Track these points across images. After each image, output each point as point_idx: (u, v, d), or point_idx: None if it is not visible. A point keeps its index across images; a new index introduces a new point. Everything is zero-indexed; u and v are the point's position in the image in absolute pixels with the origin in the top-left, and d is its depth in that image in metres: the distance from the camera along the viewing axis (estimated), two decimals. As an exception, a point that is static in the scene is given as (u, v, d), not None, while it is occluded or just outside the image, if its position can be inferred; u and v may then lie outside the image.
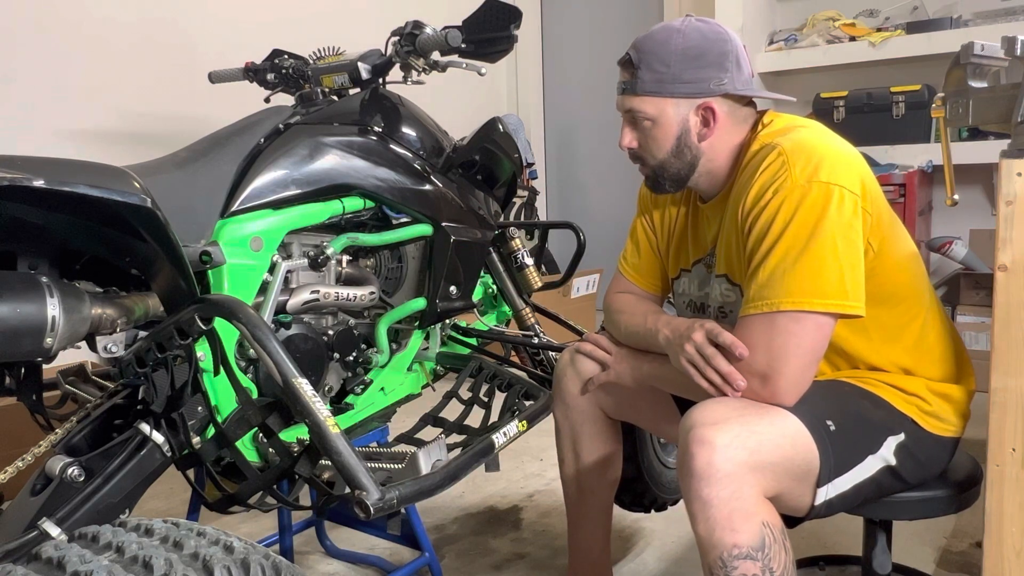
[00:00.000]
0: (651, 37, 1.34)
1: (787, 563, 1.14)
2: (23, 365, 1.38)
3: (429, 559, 1.80)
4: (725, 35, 1.33)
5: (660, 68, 1.31)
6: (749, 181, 1.28)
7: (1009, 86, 1.28)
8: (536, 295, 2.11)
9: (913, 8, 3.63)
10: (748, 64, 1.36)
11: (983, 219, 3.47)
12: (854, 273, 1.21)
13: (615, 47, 5.32)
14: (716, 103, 1.32)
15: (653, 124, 1.35)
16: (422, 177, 1.77)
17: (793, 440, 1.18)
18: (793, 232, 1.20)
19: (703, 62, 1.31)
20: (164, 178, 1.43)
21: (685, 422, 1.18)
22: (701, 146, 1.35)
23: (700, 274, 1.46)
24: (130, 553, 0.82)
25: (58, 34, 2.80)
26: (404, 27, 1.81)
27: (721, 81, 1.31)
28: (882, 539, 1.48)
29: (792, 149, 1.25)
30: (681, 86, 1.31)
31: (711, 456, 1.12)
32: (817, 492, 1.21)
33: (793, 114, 1.43)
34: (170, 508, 2.33)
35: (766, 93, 1.39)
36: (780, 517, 1.17)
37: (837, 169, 1.22)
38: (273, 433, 1.35)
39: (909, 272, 1.35)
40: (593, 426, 1.58)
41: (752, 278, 1.24)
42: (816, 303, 1.18)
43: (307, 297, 1.55)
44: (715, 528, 1.11)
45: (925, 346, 1.35)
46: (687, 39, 1.31)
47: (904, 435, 1.29)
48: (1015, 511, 1.22)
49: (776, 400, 1.20)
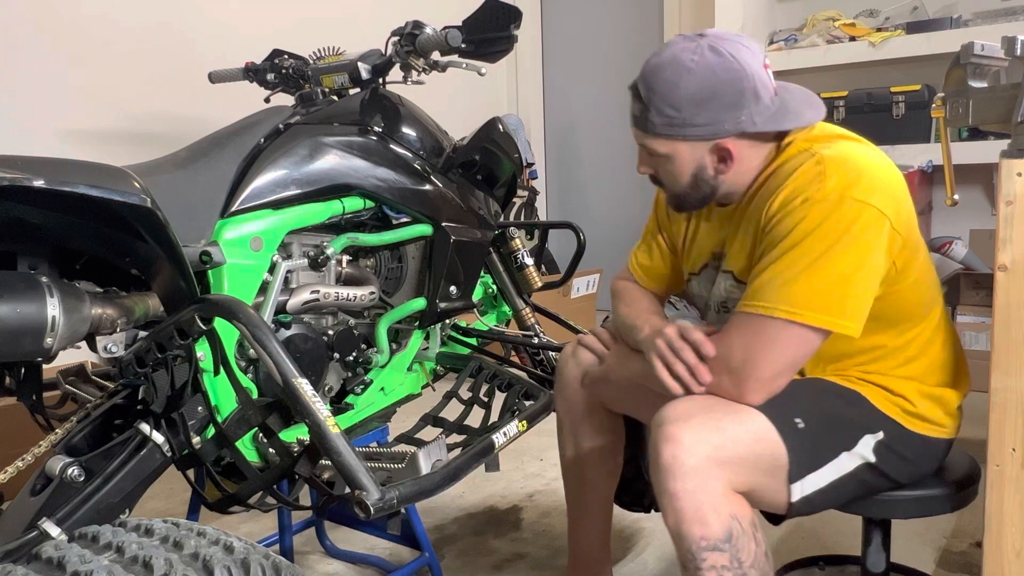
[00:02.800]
0: (659, 75, 1.25)
1: (757, 554, 1.16)
2: (23, 365, 1.38)
3: (429, 559, 1.80)
4: (741, 72, 1.22)
5: (670, 112, 1.24)
6: (781, 184, 1.24)
7: (1009, 86, 1.28)
8: (536, 295, 2.11)
9: (913, 8, 3.63)
10: (770, 86, 1.26)
11: (983, 219, 3.47)
12: (861, 294, 1.20)
13: (615, 47, 5.34)
14: (732, 142, 1.26)
15: (667, 161, 1.30)
16: (422, 177, 1.77)
17: (759, 437, 1.20)
18: (811, 243, 1.18)
19: (716, 104, 1.23)
20: (164, 178, 1.43)
21: (655, 419, 1.21)
22: (719, 179, 1.30)
23: (709, 276, 1.45)
24: (130, 553, 0.82)
25: (58, 34, 2.80)
26: (404, 27, 1.81)
27: (738, 120, 1.24)
28: (881, 538, 1.48)
29: (832, 159, 1.21)
30: (693, 129, 1.25)
31: (676, 451, 1.15)
32: (791, 488, 1.22)
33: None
34: (170, 508, 2.33)
35: (790, 121, 1.28)
36: (751, 510, 1.19)
37: (874, 188, 1.19)
38: (273, 433, 1.35)
39: (923, 291, 1.33)
40: (594, 417, 1.59)
41: (756, 276, 1.23)
42: (810, 316, 1.17)
43: (307, 297, 1.55)
44: (683, 520, 1.15)
45: (925, 356, 1.34)
46: (698, 80, 1.22)
47: (883, 433, 1.29)
48: (1015, 511, 1.22)
49: (742, 399, 1.21)
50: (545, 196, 5.04)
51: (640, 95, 1.28)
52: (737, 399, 1.22)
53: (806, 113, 1.29)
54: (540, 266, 2.13)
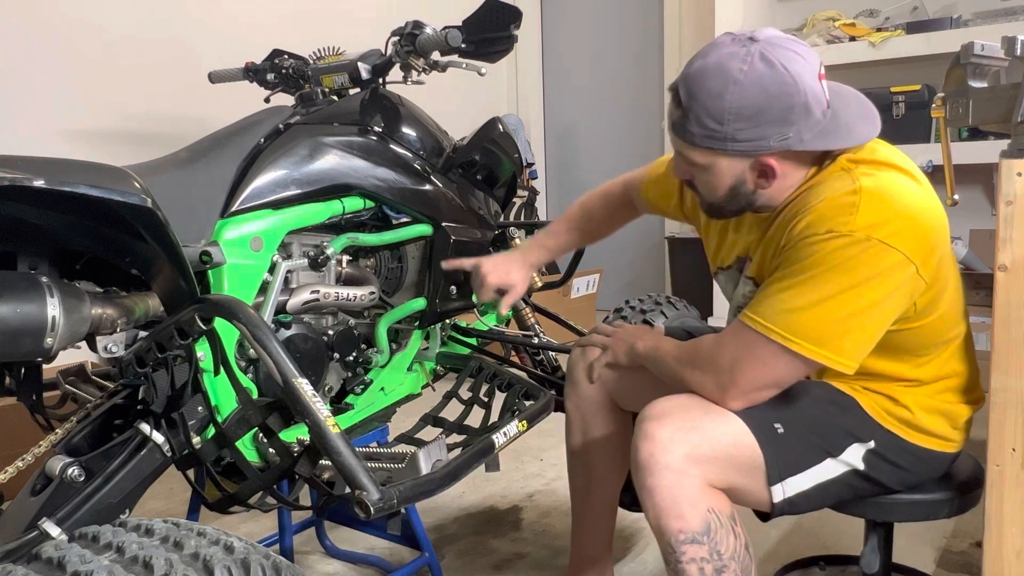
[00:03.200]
0: (703, 82, 1.15)
1: (736, 547, 1.18)
2: (23, 365, 1.38)
3: (429, 559, 1.80)
4: (793, 86, 1.13)
5: (712, 125, 1.16)
6: (811, 203, 1.19)
7: (1009, 86, 1.28)
8: (536, 295, 2.11)
9: (913, 8, 3.63)
10: (823, 100, 1.17)
11: (983, 219, 3.47)
12: (865, 336, 1.17)
13: (615, 47, 5.34)
14: (775, 160, 1.18)
15: (704, 171, 1.23)
16: (422, 177, 1.77)
17: (735, 439, 1.21)
18: (826, 277, 1.14)
19: (763, 119, 1.14)
20: (164, 178, 1.43)
21: (638, 417, 1.24)
22: (758, 192, 1.24)
23: (734, 276, 1.44)
24: (130, 553, 0.82)
25: (59, 35, 2.80)
26: (404, 27, 1.81)
27: (784, 136, 1.15)
28: (883, 540, 1.48)
29: (869, 193, 1.14)
30: (736, 144, 1.17)
31: (652, 448, 1.18)
32: (772, 490, 1.23)
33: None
34: (170, 508, 2.33)
35: (840, 140, 1.19)
36: (730, 504, 1.20)
37: (904, 231, 1.13)
38: (273, 433, 1.35)
39: (948, 324, 1.28)
40: (604, 416, 1.60)
41: (764, 288, 1.21)
42: (806, 348, 1.16)
43: (307, 297, 1.55)
44: (661, 515, 1.17)
45: (939, 377, 1.31)
46: (744, 95, 1.13)
47: (875, 443, 1.28)
48: (1015, 511, 1.22)
49: (722, 402, 1.23)
50: (545, 196, 5.04)
51: (680, 100, 1.19)
52: (717, 400, 1.23)
53: (858, 129, 1.21)
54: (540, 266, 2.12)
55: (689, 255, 4.10)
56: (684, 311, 2.23)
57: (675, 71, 4.47)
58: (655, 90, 4.61)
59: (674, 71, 4.45)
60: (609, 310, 2.25)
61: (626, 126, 4.75)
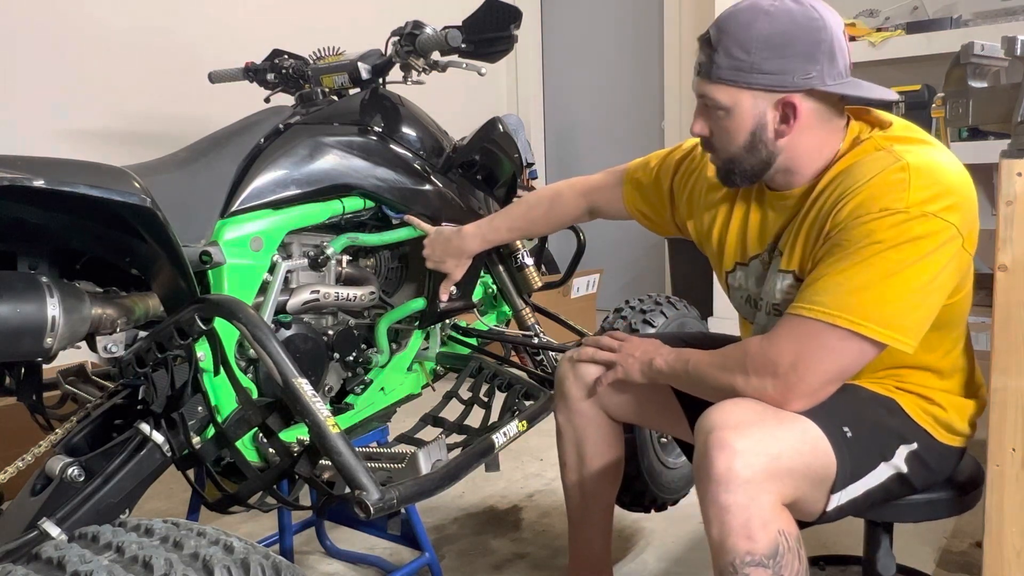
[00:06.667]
0: (734, 16, 1.20)
1: (800, 571, 1.12)
2: (23, 365, 1.38)
3: (429, 559, 1.80)
4: (820, 21, 1.17)
5: (739, 55, 1.18)
6: (855, 185, 1.17)
7: (1009, 86, 1.28)
8: (536, 295, 2.11)
9: (913, 8, 3.63)
10: (846, 55, 1.20)
11: (983, 219, 3.46)
12: (926, 313, 1.16)
13: (615, 47, 5.33)
14: (799, 99, 1.19)
15: (726, 114, 1.22)
16: (422, 177, 1.77)
17: (813, 446, 1.15)
18: (887, 255, 1.12)
19: (789, 51, 1.16)
20: (164, 178, 1.43)
21: (704, 423, 1.15)
22: (778, 143, 1.23)
23: (757, 270, 1.36)
24: (130, 553, 0.82)
25: (58, 35, 2.80)
26: (404, 27, 1.81)
27: (808, 74, 1.17)
28: (885, 540, 1.47)
29: (917, 169, 1.14)
30: (761, 77, 1.18)
31: (731, 461, 1.08)
32: (831, 498, 1.19)
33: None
34: (170, 508, 2.33)
35: (862, 92, 1.21)
36: (797, 526, 1.14)
37: (956, 205, 1.14)
38: (273, 433, 1.35)
39: (969, 302, 1.30)
40: (598, 431, 1.55)
41: (816, 280, 1.18)
42: (873, 329, 1.13)
43: (307, 297, 1.55)
44: (730, 534, 1.09)
45: (957, 367, 1.32)
46: (774, 23, 1.16)
47: (916, 444, 1.27)
48: (1015, 511, 1.22)
49: (785, 405, 1.17)
50: (545, 196, 5.03)
51: (709, 40, 1.22)
52: (779, 405, 1.17)
53: (877, 91, 1.22)
54: (540, 266, 2.12)
55: (689, 255, 4.10)
56: (684, 311, 2.22)
57: (675, 71, 4.48)
58: (655, 90, 4.61)
59: (674, 71, 4.45)
60: (609, 310, 2.24)
61: (626, 126, 4.74)
